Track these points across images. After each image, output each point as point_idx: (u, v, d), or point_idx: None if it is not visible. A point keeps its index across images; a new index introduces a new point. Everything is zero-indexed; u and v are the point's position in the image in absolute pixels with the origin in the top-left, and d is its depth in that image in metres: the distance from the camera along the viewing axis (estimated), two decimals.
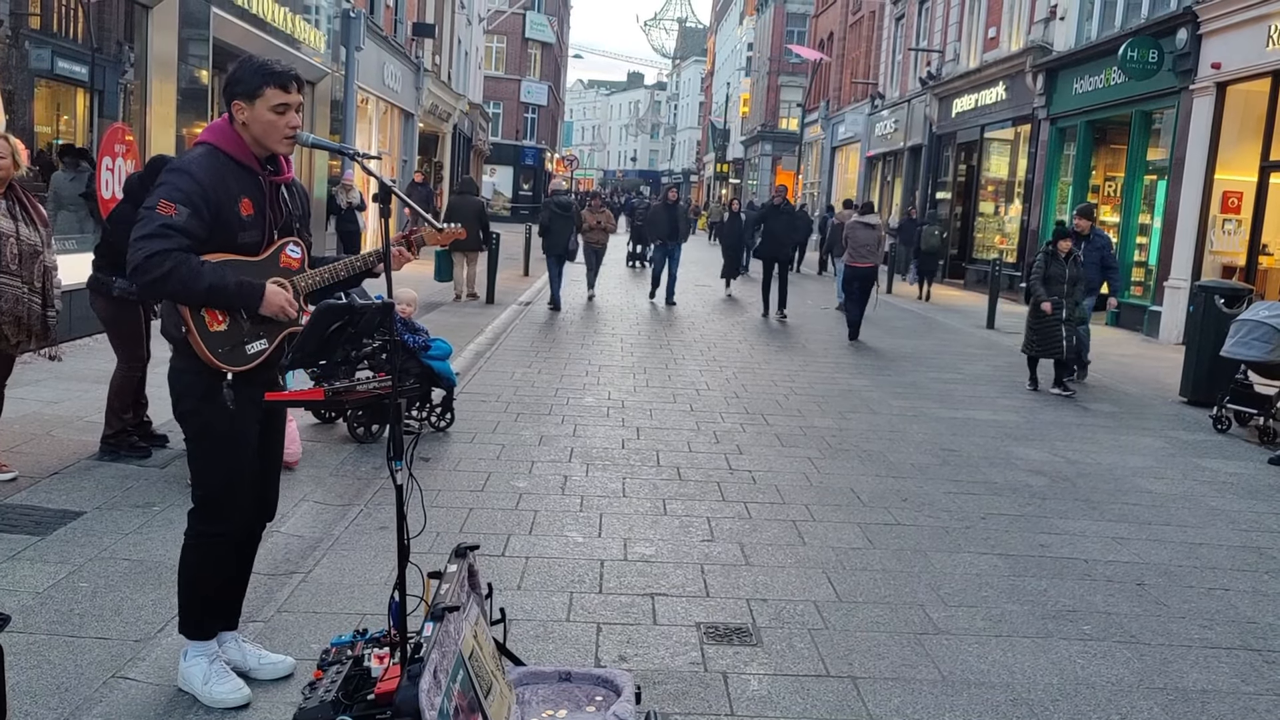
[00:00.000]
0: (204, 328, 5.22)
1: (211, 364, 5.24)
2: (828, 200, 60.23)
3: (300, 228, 5.69)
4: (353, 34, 30.65)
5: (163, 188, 5.14)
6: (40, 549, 7.43)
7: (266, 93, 5.25)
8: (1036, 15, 33.67)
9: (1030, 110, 33.40)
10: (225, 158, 5.29)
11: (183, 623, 5.61)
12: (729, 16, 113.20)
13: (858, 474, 11.03)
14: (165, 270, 5.00)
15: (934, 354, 19.77)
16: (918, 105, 45.57)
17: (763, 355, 19.25)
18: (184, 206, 5.07)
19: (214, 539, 5.51)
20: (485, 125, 73.23)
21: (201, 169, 5.19)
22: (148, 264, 5.00)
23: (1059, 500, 10.41)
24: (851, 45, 61.19)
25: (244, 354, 5.33)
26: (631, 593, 7.42)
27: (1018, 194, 35.65)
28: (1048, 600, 7.73)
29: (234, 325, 5.30)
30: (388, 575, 7.26)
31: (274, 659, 5.87)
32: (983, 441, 12.77)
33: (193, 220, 5.08)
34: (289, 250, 5.54)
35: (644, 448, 11.69)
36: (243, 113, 5.28)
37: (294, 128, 5.35)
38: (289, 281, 5.45)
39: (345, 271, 5.65)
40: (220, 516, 5.48)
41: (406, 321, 11.35)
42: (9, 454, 9.32)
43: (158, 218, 5.05)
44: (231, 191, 5.25)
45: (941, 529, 9.27)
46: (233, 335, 5.30)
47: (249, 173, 5.35)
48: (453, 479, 10.02)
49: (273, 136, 5.32)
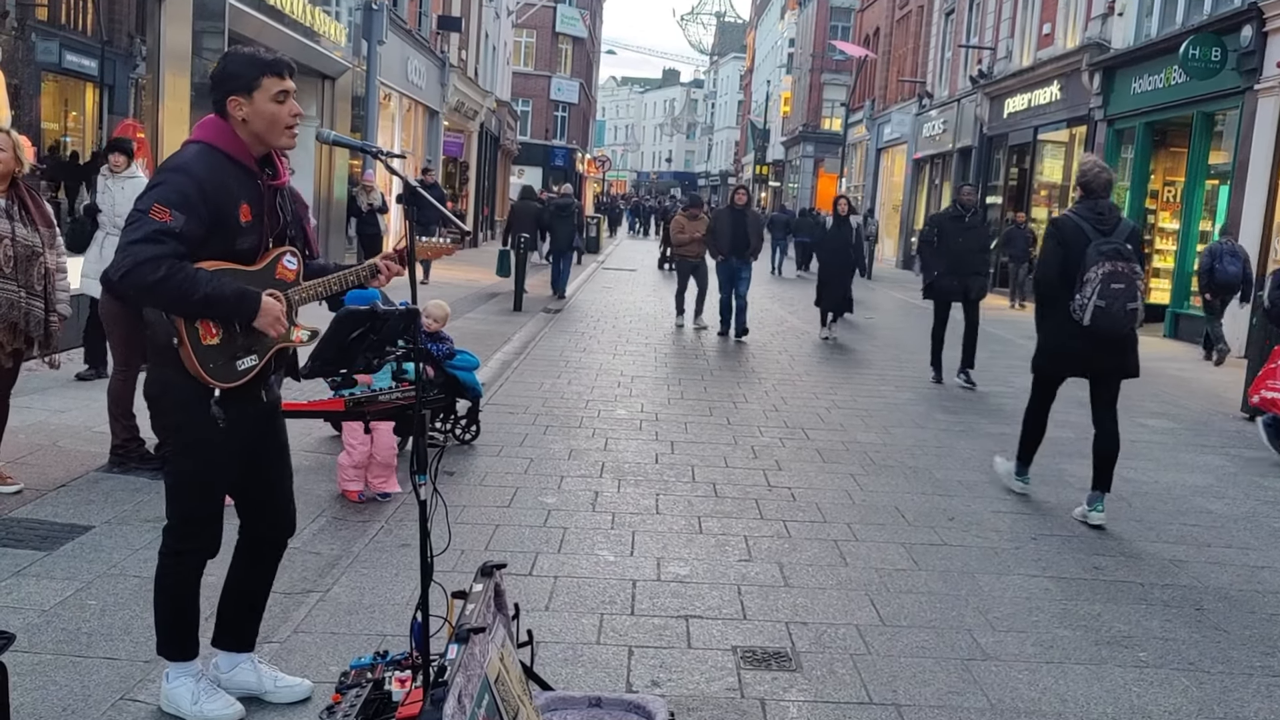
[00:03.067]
0: (197, 340, 5.15)
1: (201, 379, 5.18)
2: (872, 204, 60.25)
3: (294, 235, 5.65)
4: (375, 27, 30.75)
5: (158, 189, 5.08)
6: (46, 565, 7.47)
7: (264, 82, 5.22)
8: (1093, 11, 33.58)
9: (1086, 111, 33.32)
10: (223, 157, 5.24)
11: (162, 644, 5.60)
12: (769, 11, 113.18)
13: (902, 491, 11.02)
14: (158, 277, 4.91)
15: (982, 367, 19.70)
16: (968, 105, 45.48)
17: (803, 367, 19.24)
18: (179, 211, 4.99)
19: (189, 555, 5.48)
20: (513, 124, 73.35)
21: (201, 168, 5.13)
22: (139, 271, 4.91)
23: (1114, 520, 10.35)
24: (898, 41, 61.05)
25: (234, 370, 5.28)
26: (665, 614, 7.41)
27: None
28: (1102, 625, 7.69)
29: (227, 339, 5.24)
30: (410, 595, 7.26)
31: (291, 681, 5.88)
32: (1035, 458, 12.70)
33: (189, 225, 5.01)
34: (285, 261, 5.50)
35: (678, 463, 11.69)
36: (241, 108, 5.23)
37: (296, 116, 5.34)
38: (284, 295, 5.40)
39: (339, 285, 5.65)
40: (195, 534, 5.46)
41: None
42: (14, 465, 9.36)
43: (151, 222, 4.97)
44: (232, 194, 5.20)
45: (990, 550, 9.25)
46: (225, 349, 5.24)
47: (248, 175, 5.31)
48: (478, 494, 10.03)
49: (276, 129, 5.30)
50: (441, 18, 41.81)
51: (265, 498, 5.72)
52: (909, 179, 56.10)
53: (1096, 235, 10.01)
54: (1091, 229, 10.08)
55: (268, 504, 5.74)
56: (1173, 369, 21.14)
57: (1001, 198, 42.22)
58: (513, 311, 24.85)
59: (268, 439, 5.70)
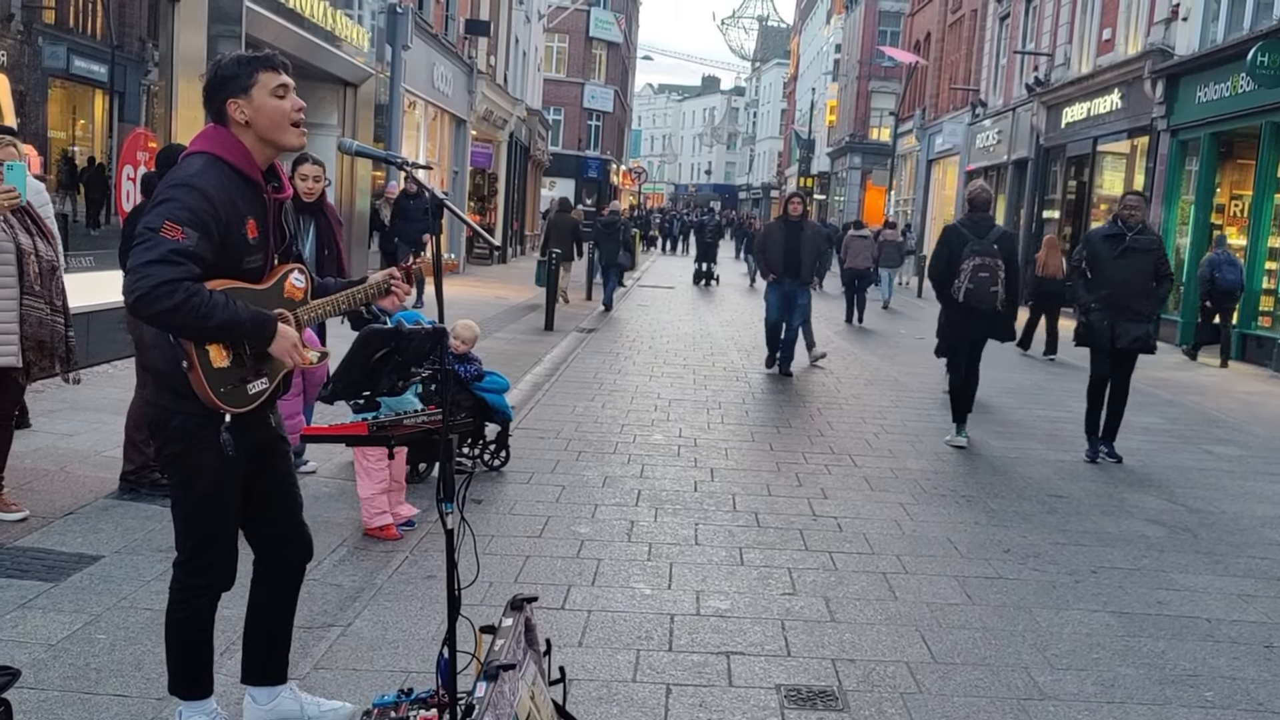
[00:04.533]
0: (209, 364, 5.10)
1: (212, 404, 5.14)
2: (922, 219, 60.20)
3: (299, 252, 5.64)
4: (399, 31, 30.80)
5: (166, 205, 4.99)
6: (53, 597, 7.49)
7: (261, 78, 5.20)
8: (1156, 15, 33.44)
9: (1148, 121, 33.17)
10: (229, 170, 5.18)
11: (174, 682, 5.58)
12: (815, 15, 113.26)
13: (955, 522, 10.99)
14: (176, 302, 4.82)
15: (1039, 390, 19.64)
16: (1023, 114, 45.39)
17: (850, 389, 19.21)
18: (192, 229, 4.92)
19: (201, 590, 5.47)
20: (544, 133, 73.46)
21: (210, 184, 5.06)
22: (155, 294, 4.81)
23: (1179, 553, 10.31)
24: (950, 47, 61.08)
25: (245, 394, 5.24)
26: (704, 651, 7.39)
27: None
28: (1166, 663, 7.65)
29: (236, 362, 5.20)
30: (436, 629, 7.27)
31: (332, 706, 5.95)
32: (1094, 487, 12.67)
33: (202, 244, 4.95)
34: (294, 279, 5.47)
35: (718, 490, 11.68)
36: (242, 111, 5.19)
37: (300, 110, 5.31)
38: (292, 314, 5.38)
39: (347, 303, 5.64)
40: (207, 568, 5.44)
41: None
42: (19, 491, 9.39)
43: (164, 242, 4.87)
44: (239, 210, 5.15)
45: (1048, 583, 9.20)
46: (235, 373, 5.20)
47: (253, 188, 5.27)
48: (508, 523, 10.03)
49: (282, 126, 5.26)
50: (469, 22, 41.89)
51: (277, 525, 5.72)
52: (961, 192, 55.97)
53: (972, 238, 14.37)
54: (970, 234, 14.48)
55: (280, 532, 5.73)
56: (1239, 392, 21.05)
57: (1059, 212, 42.06)
58: (544, 330, 24.89)
59: (274, 463, 5.69)
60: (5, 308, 8.53)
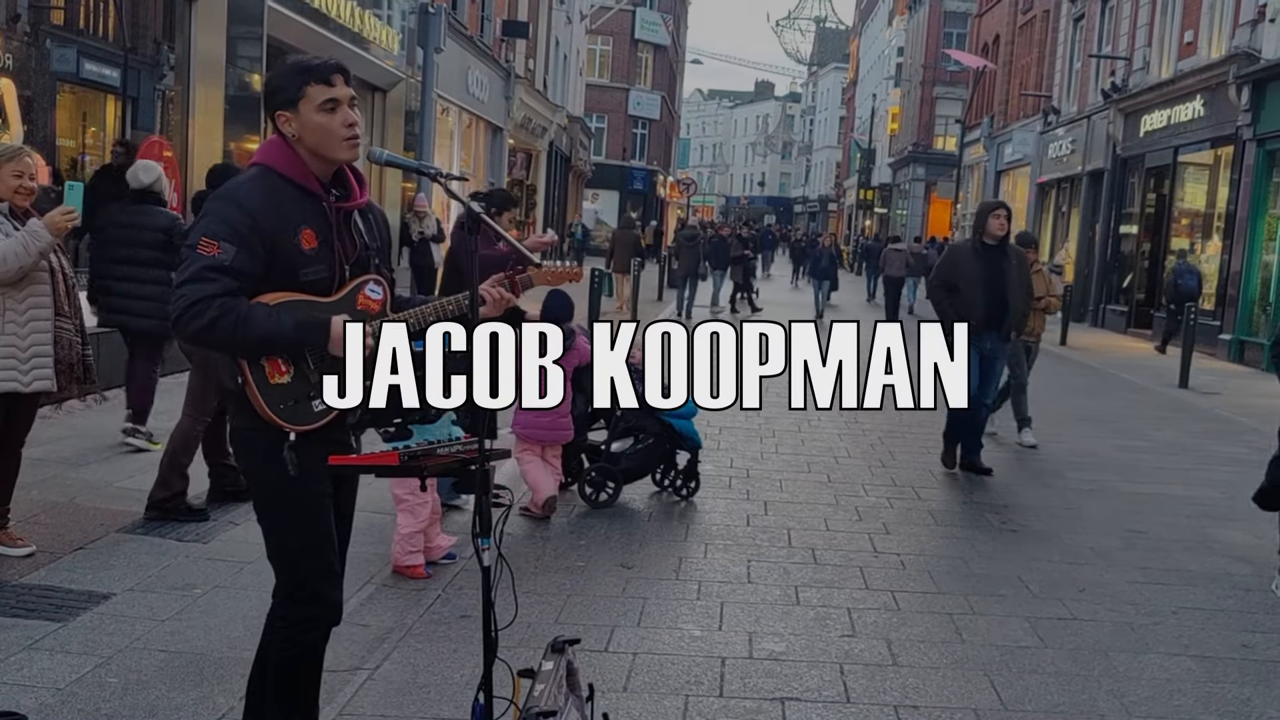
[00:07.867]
0: (264, 379, 5.14)
1: (272, 422, 5.16)
2: None
3: (380, 263, 5.62)
4: (432, 33, 30.82)
5: (204, 221, 5.10)
6: (61, 637, 7.52)
7: (309, 92, 5.22)
8: (1241, 17, 33.24)
9: (1233, 129, 32.99)
10: (281, 180, 5.24)
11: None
12: (875, 16, 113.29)
13: (1026, 559, 10.94)
14: (208, 320, 4.92)
15: (1117, 417, 19.58)
16: (1099, 122, 45.23)
17: (912, 417, 19.09)
18: (229, 243, 4.99)
19: (304, 625, 5.43)
20: (586, 142, 73.69)
21: (250, 195, 5.13)
22: (189, 314, 4.93)
23: (1266, 593, 10.26)
24: (1020, 51, 60.97)
25: (310, 410, 5.24)
26: (758, 696, 7.39)
27: (1217, 229, 35.04)
28: (1251, 711, 7.62)
29: (299, 377, 5.21)
30: (470, 673, 7.28)
31: None
32: (1175, 522, 12.61)
33: (241, 257, 5.01)
34: (368, 290, 5.46)
35: (772, 525, 11.65)
36: (290, 124, 5.25)
37: (352, 125, 5.31)
38: (370, 327, 5.30)
39: (436, 316, 5.53)
40: (309, 598, 5.40)
41: None
42: (25, 525, 9.41)
43: (199, 259, 4.98)
44: (290, 220, 5.18)
45: (1125, 625, 9.17)
46: (297, 389, 5.21)
47: (310, 198, 5.29)
48: (548, 559, 10.05)
49: (331, 142, 5.27)
50: (506, 23, 42.00)
51: None
52: (1032, 205, 55.86)
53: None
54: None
55: None
56: None
57: (1137, 227, 41.88)
58: None
59: (343, 493, 5.68)
60: (42, 328, 8.56)
